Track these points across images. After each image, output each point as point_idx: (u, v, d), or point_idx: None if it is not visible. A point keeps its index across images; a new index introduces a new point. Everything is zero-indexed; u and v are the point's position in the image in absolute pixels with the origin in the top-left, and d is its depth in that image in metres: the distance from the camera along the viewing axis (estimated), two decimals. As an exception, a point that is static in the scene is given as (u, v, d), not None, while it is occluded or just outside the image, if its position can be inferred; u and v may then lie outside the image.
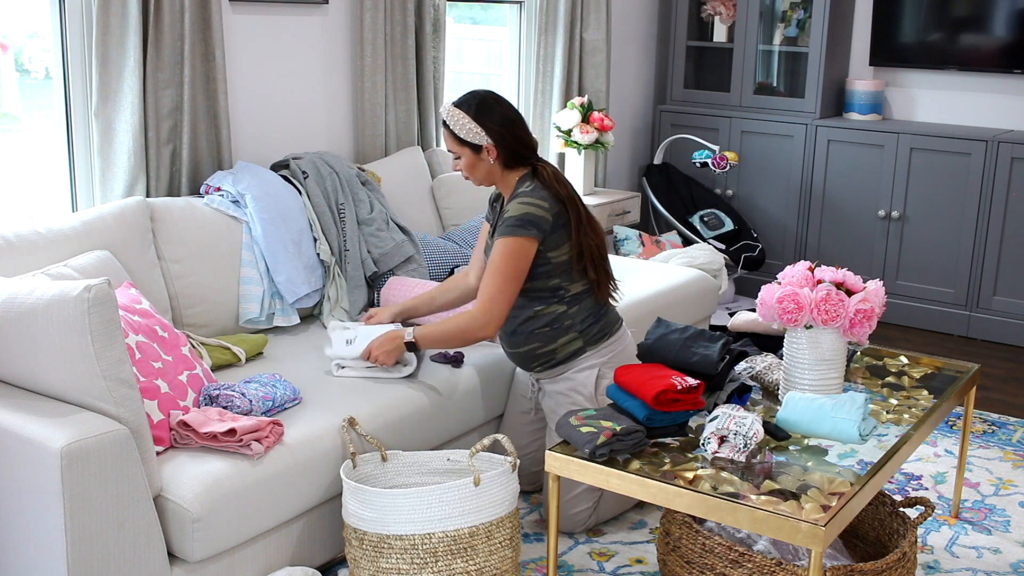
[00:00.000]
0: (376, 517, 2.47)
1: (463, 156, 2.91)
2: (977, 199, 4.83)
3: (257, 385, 2.70)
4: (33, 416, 2.22)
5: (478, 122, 2.86)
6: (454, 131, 2.89)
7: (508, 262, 2.80)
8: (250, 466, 2.43)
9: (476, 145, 2.88)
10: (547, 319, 2.91)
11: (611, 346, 2.99)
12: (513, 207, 2.83)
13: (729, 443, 2.39)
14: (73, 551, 2.14)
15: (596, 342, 2.97)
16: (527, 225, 2.79)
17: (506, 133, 2.88)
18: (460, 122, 2.87)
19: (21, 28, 3.21)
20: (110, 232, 2.91)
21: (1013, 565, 2.94)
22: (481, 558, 2.50)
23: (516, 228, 2.79)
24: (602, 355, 2.97)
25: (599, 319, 2.97)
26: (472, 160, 2.91)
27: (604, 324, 2.99)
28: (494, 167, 2.91)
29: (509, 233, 2.80)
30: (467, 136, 2.87)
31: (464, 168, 2.93)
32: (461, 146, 2.90)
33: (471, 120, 2.86)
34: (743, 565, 2.40)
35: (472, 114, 2.86)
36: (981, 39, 5.06)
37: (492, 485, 2.52)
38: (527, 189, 2.86)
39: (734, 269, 5.10)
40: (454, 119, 2.88)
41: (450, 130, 2.90)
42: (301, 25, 3.75)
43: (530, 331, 2.94)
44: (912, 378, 3.01)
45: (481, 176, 2.94)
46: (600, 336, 2.97)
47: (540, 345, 2.94)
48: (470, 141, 2.88)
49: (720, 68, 5.64)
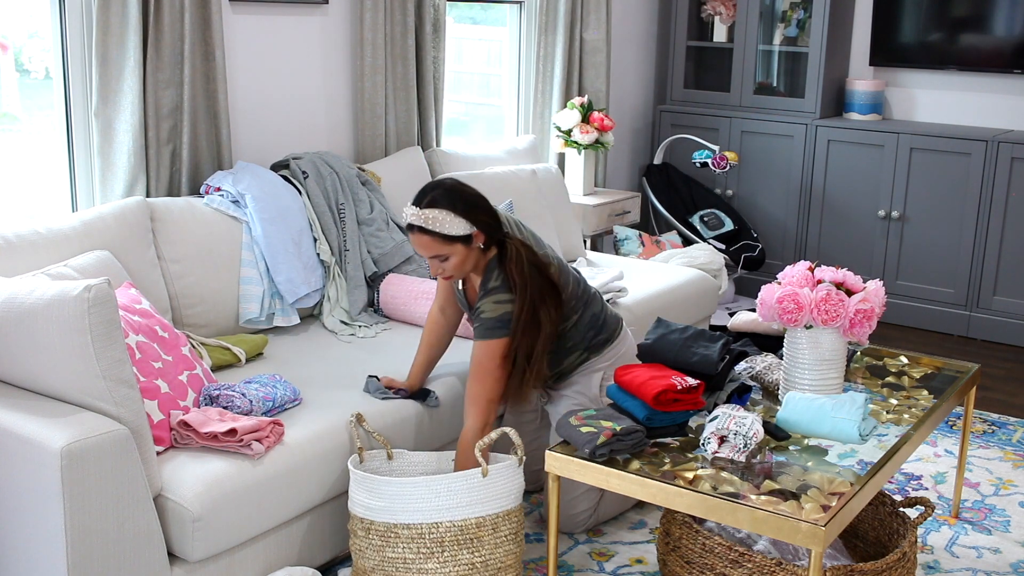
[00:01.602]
0: (384, 506, 2.48)
1: (453, 255, 2.69)
2: (977, 199, 4.83)
3: (257, 385, 2.70)
4: (33, 416, 2.22)
5: (460, 213, 2.67)
6: (441, 232, 2.65)
7: (491, 363, 2.70)
8: (250, 466, 2.44)
9: (467, 236, 2.69)
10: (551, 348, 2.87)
11: (614, 349, 3.00)
12: (488, 307, 2.70)
13: (729, 443, 2.39)
14: (73, 551, 2.14)
15: (600, 349, 2.97)
16: (504, 327, 2.69)
17: (479, 214, 2.72)
18: (443, 220, 2.65)
19: (21, 28, 3.21)
20: (110, 232, 2.91)
21: (1013, 565, 2.94)
22: (487, 550, 2.51)
23: (494, 331, 2.69)
24: (607, 359, 2.98)
25: (600, 330, 2.97)
26: (464, 254, 2.70)
27: (606, 333, 2.99)
28: (480, 252, 2.74)
29: (488, 336, 2.70)
30: (456, 231, 2.66)
31: (453, 267, 2.72)
32: (452, 244, 2.67)
33: (453, 215, 2.65)
34: (743, 565, 2.40)
35: (452, 208, 2.66)
36: (981, 39, 5.06)
37: (499, 477, 2.53)
38: (497, 284, 2.72)
39: (734, 269, 5.10)
40: (435, 221, 2.65)
41: (432, 234, 2.66)
42: (301, 25, 3.75)
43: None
44: (912, 378, 3.01)
45: (471, 267, 2.75)
46: (603, 343, 2.98)
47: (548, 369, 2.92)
48: (460, 235, 2.67)
49: (720, 68, 5.64)
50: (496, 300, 2.71)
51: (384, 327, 3.42)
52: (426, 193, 2.71)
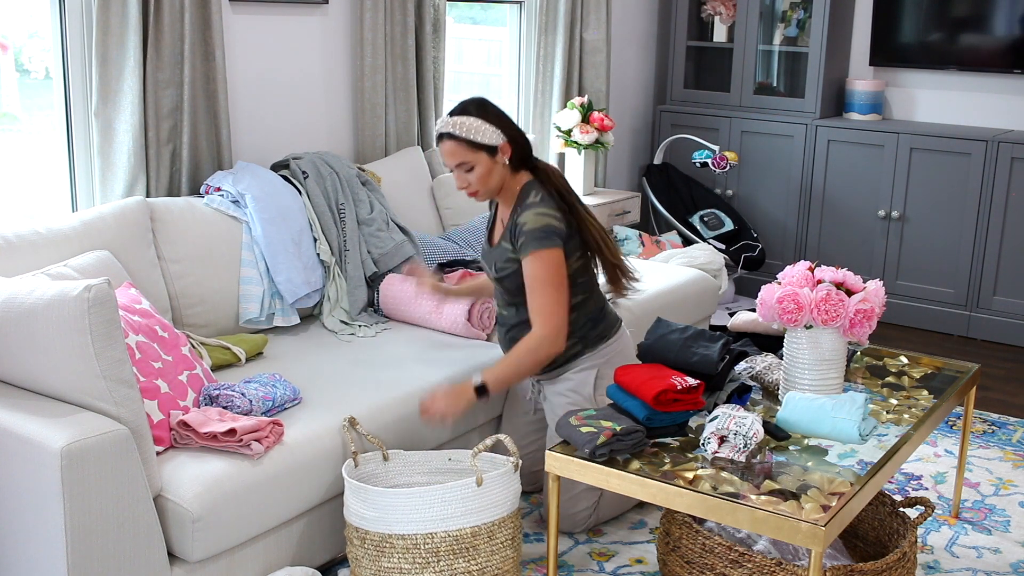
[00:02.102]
0: (378, 516, 2.47)
1: (478, 164, 2.78)
2: (977, 199, 4.83)
3: (257, 385, 2.70)
4: (33, 416, 2.22)
5: (489, 122, 2.78)
6: (467, 137, 2.75)
7: (549, 272, 2.75)
8: (250, 466, 2.44)
9: (492, 147, 2.78)
10: None
11: (610, 347, 2.99)
12: (531, 219, 2.76)
13: (729, 443, 2.39)
14: (73, 551, 2.14)
15: (595, 344, 2.96)
16: (551, 236, 2.75)
17: (512, 130, 2.83)
18: (472, 126, 2.76)
19: (21, 28, 3.21)
20: (110, 232, 2.91)
21: (1013, 565, 2.94)
22: (483, 558, 2.50)
23: (543, 240, 2.74)
24: (601, 356, 2.97)
25: (598, 323, 2.97)
26: (488, 166, 2.79)
27: (603, 327, 2.98)
28: (506, 171, 2.83)
29: (538, 247, 2.74)
30: (483, 138, 2.76)
31: (478, 179, 2.80)
32: (476, 152, 2.77)
33: (482, 121, 2.77)
34: (743, 565, 2.40)
35: (481, 116, 2.78)
36: (981, 39, 5.06)
37: (494, 485, 2.52)
38: (537, 200, 2.80)
39: (734, 269, 5.10)
40: (463, 126, 2.76)
41: (460, 139, 2.76)
42: (301, 25, 3.75)
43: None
44: (912, 378, 3.01)
45: (495, 184, 2.83)
46: (599, 338, 2.97)
47: None
48: (486, 143, 2.77)
49: (720, 68, 5.64)
50: (537, 212, 2.77)
51: (384, 327, 3.42)
52: (457, 106, 2.83)
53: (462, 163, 2.79)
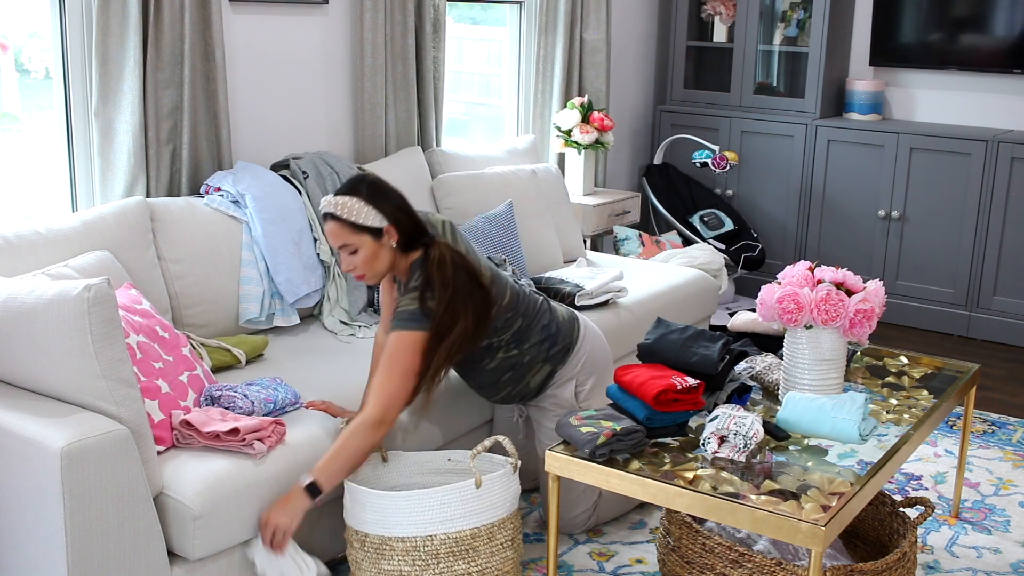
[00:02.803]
0: (377, 519, 2.47)
1: (362, 247, 2.64)
2: (977, 199, 4.83)
3: (259, 387, 2.70)
4: (33, 416, 2.22)
5: (373, 205, 2.63)
6: (349, 219, 2.61)
7: (400, 354, 2.59)
8: (252, 465, 2.44)
9: (376, 229, 2.63)
10: (506, 366, 2.85)
11: (579, 355, 2.94)
12: (405, 301, 2.62)
13: (729, 443, 2.39)
14: (73, 551, 2.14)
15: (562, 359, 2.91)
16: (419, 319, 2.60)
17: (400, 214, 2.69)
18: (355, 208, 2.62)
19: (21, 28, 3.21)
20: (110, 232, 2.91)
21: (1013, 565, 2.94)
22: (483, 559, 2.50)
23: (407, 322, 2.60)
24: (573, 366, 2.93)
25: (555, 340, 2.89)
26: (373, 249, 2.64)
27: (563, 341, 2.91)
28: (395, 253, 2.68)
29: (404, 327, 2.59)
30: (365, 221, 2.62)
31: (362, 262, 2.65)
32: (359, 234, 2.62)
33: (365, 204, 2.63)
34: (743, 565, 2.40)
35: (366, 198, 2.64)
36: (981, 39, 5.06)
37: (493, 487, 2.52)
38: (418, 284, 2.64)
39: (734, 269, 5.10)
40: (346, 208, 2.61)
41: (342, 221, 2.62)
42: (301, 25, 3.75)
43: (497, 381, 2.89)
44: (912, 378, 3.01)
45: (382, 267, 2.68)
46: (564, 352, 2.91)
47: (512, 388, 2.91)
48: (369, 226, 2.62)
49: (720, 68, 5.64)
50: (415, 296, 2.63)
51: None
52: (345, 183, 2.70)
53: (345, 245, 2.65)
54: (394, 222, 2.67)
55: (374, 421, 2.54)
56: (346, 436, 2.52)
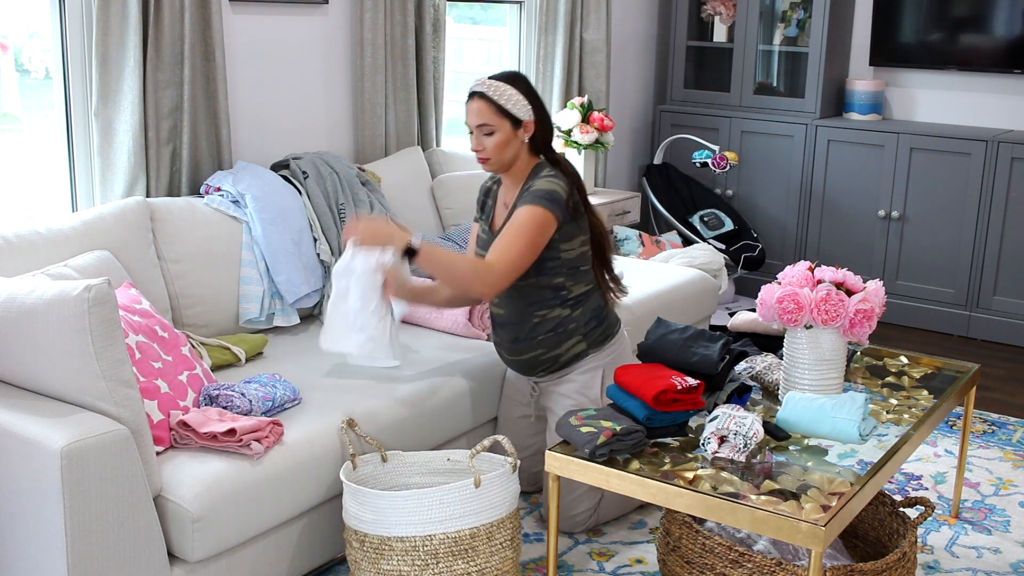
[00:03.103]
0: (376, 519, 2.46)
1: (499, 130, 2.79)
2: (977, 199, 4.83)
3: (257, 385, 2.70)
4: (33, 416, 2.22)
5: (526, 97, 2.80)
6: (497, 101, 2.77)
7: (533, 229, 2.71)
8: (250, 466, 2.43)
9: (517, 119, 2.80)
10: (551, 324, 2.89)
11: (613, 347, 2.99)
12: (539, 183, 2.77)
13: (729, 443, 2.39)
14: (73, 551, 2.14)
15: (600, 344, 2.96)
16: (555, 201, 2.74)
17: (543, 112, 2.85)
18: (507, 93, 2.78)
19: (21, 28, 3.21)
20: (110, 232, 2.91)
21: (1013, 565, 2.94)
22: (482, 559, 2.50)
23: (544, 200, 2.73)
24: (605, 356, 2.97)
25: (602, 321, 2.97)
26: (508, 136, 2.79)
27: (607, 326, 2.98)
28: (523, 149, 2.84)
29: (537, 203, 2.72)
30: (512, 108, 2.78)
31: (494, 146, 2.79)
32: (502, 117, 2.78)
33: (517, 92, 2.79)
34: (743, 565, 2.40)
35: (522, 89, 2.81)
36: (981, 39, 5.06)
37: (492, 486, 2.52)
38: (550, 174, 2.81)
39: (734, 269, 5.10)
40: (499, 90, 2.78)
41: (490, 101, 2.78)
42: (301, 25, 3.75)
43: (534, 337, 2.91)
44: (912, 378, 3.01)
45: (509, 156, 2.82)
46: (604, 338, 2.97)
47: (544, 351, 2.92)
48: (514, 113, 2.79)
49: (720, 68, 5.64)
50: (548, 179, 2.79)
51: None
52: (502, 73, 2.87)
53: (484, 125, 2.80)
54: (537, 119, 2.83)
55: (489, 276, 2.66)
56: (468, 263, 2.71)
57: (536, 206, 2.72)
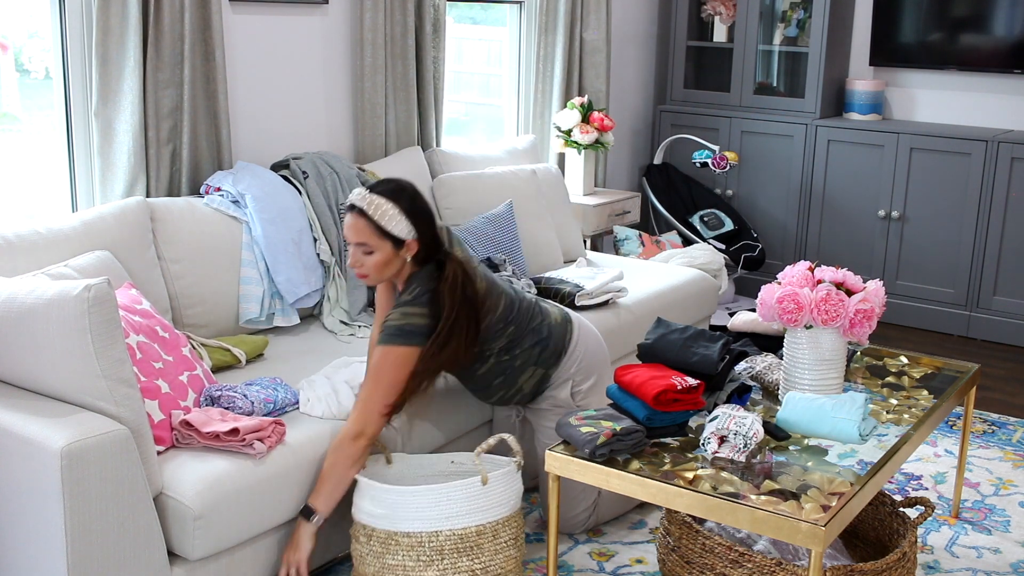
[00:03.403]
0: (386, 514, 2.48)
1: (378, 251, 2.62)
2: (977, 199, 4.83)
3: (258, 388, 2.70)
4: (33, 416, 2.22)
5: (408, 216, 2.62)
6: (377, 221, 2.59)
7: (384, 369, 2.60)
8: (252, 465, 2.44)
9: (399, 240, 2.62)
10: (497, 372, 2.85)
11: (573, 356, 2.93)
12: (395, 315, 2.62)
13: (729, 443, 2.39)
14: (73, 551, 2.14)
15: (556, 362, 2.90)
16: (409, 335, 2.60)
17: (425, 228, 2.67)
18: (389, 213, 2.60)
19: (21, 28, 3.21)
20: (110, 232, 2.91)
21: (1013, 565, 2.94)
22: (486, 557, 2.51)
23: (395, 338, 2.59)
24: (569, 367, 2.92)
25: (547, 344, 2.87)
26: (388, 256, 2.63)
27: (555, 344, 2.89)
28: (405, 265, 2.68)
29: (389, 342, 2.60)
30: (393, 228, 2.61)
31: (374, 265, 2.64)
32: (382, 239, 2.61)
33: (401, 213, 2.61)
34: (743, 565, 2.40)
35: (404, 207, 2.62)
36: (981, 39, 5.06)
37: (498, 484, 2.53)
38: (410, 296, 2.64)
39: (734, 269, 5.10)
40: (380, 210, 2.60)
41: (369, 220, 2.60)
42: (301, 25, 3.75)
43: (488, 386, 2.89)
44: (912, 378, 3.01)
45: (390, 274, 2.68)
46: (556, 356, 2.90)
47: (504, 392, 2.91)
48: (394, 234, 2.61)
49: (720, 68, 5.64)
50: (406, 311, 2.62)
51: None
52: (384, 183, 2.68)
53: (362, 244, 2.63)
54: (419, 237, 2.65)
55: (352, 434, 2.56)
56: (329, 456, 2.55)
57: (388, 346, 2.60)
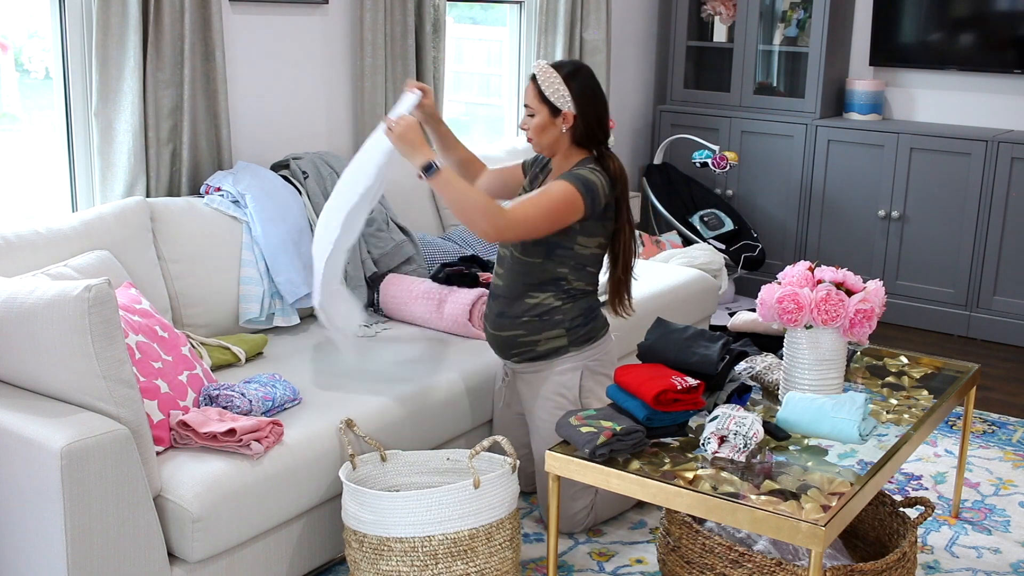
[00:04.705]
0: (376, 519, 2.46)
1: (538, 115, 2.85)
2: (977, 199, 4.83)
3: (257, 385, 2.70)
4: (33, 416, 2.22)
5: (569, 88, 2.82)
6: (540, 87, 2.83)
7: (558, 202, 2.75)
8: (250, 466, 2.44)
9: (555, 108, 2.83)
10: (539, 309, 2.89)
11: (595, 349, 2.97)
12: (580, 169, 2.81)
13: (729, 443, 2.39)
14: (73, 551, 2.14)
15: (581, 344, 2.94)
16: (588, 189, 2.77)
17: (589, 109, 2.85)
18: (550, 80, 2.82)
19: (21, 28, 3.21)
20: (110, 232, 2.91)
21: (1013, 565, 2.94)
22: (481, 560, 2.50)
23: (578, 182, 2.76)
24: (585, 358, 2.95)
25: (588, 321, 2.95)
26: (546, 122, 2.85)
27: (592, 328, 2.96)
28: (563, 138, 2.87)
29: (571, 181, 2.77)
30: (551, 96, 2.82)
31: (533, 128, 2.87)
32: (541, 103, 2.84)
33: (562, 82, 2.82)
34: (743, 565, 2.40)
35: (564, 77, 2.82)
36: (981, 39, 5.05)
37: (492, 487, 2.52)
38: (594, 167, 2.83)
39: (734, 269, 5.10)
40: (545, 76, 2.83)
41: (536, 85, 2.84)
42: (301, 25, 3.75)
43: (519, 317, 2.91)
44: (912, 378, 3.01)
45: (547, 142, 2.88)
46: (586, 339, 2.95)
47: (523, 334, 2.91)
48: (552, 101, 2.83)
49: (720, 68, 5.64)
50: (589, 168, 2.81)
51: (384, 327, 3.42)
52: (567, 62, 2.90)
53: (528, 106, 2.88)
54: (579, 112, 2.83)
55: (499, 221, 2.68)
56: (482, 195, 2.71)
57: (570, 184, 2.77)
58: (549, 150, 2.91)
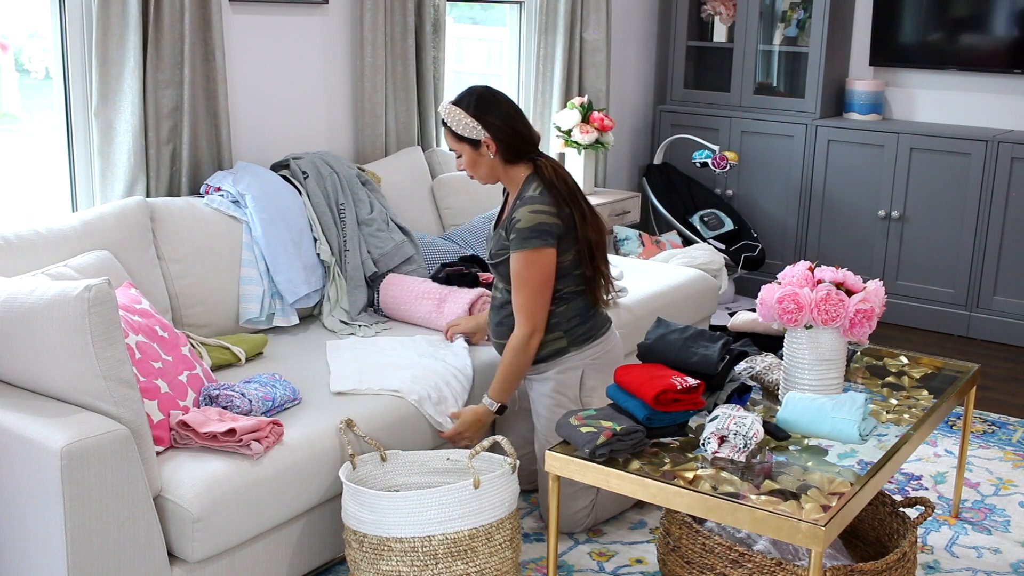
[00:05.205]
0: (375, 520, 2.46)
1: (464, 153, 2.92)
2: (977, 199, 4.83)
3: (257, 385, 2.70)
4: (33, 416, 2.22)
5: (475, 117, 2.86)
6: (452, 128, 2.90)
7: (531, 273, 2.82)
8: (250, 466, 2.43)
9: (474, 140, 2.88)
10: None
11: (596, 348, 2.98)
12: (523, 216, 2.82)
13: (729, 443, 2.39)
14: (73, 551, 2.14)
15: (581, 343, 2.96)
16: (542, 235, 2.81)
17: (504, 127, 2.88)
18: (457, 118, 2.88)
19: (21, 28, 3.21)
20: (110, 232, 2.91)
21: (1013, 565, 2.94)
22: (481, 560, 2.50)
23: (531, 240, 2.81)
24: (586, 357, 2.96)
25: (586, 320, 2.97)
26: (472, 157, 2.92)
27: (591, 326, 2.98)
28: (495, 163, 2.91)
29: (525, 246, 2.81)
30: (464, 132, 2.88)
31: (467, 167, 2.95)
32: (460, 143, 2.91)
33: (467, 116, 2.87)
34: (743, 565, 2.40)
35: (469, 110, 2.87)
36: (981, 39, 5.06)
37: (491, 487, 2.52)
38: (535, 194, 2.85)
39: (734, 269, 5.10)
40: (452, 116, 2.89)
41: (449, 128, 2.91)
42: (301, 25, 3.75)
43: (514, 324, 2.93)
44: (912, 378, 3.01)
45: (484, 173, 2.94)
46: (585, 338, 2.96)
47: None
48: (468, 137, 2.88)
49: (720, 68, 5.64)
50: (531, 209, 2.83)
51: (384, 327, 3.42)
52: (462, 91, 2.95)
53: (452, 150, 2.96)
54: (494, 135, 2.87)
55: (527, 335, 2.86)
56: (508, 358, 2.89)
57: (525, 251, 2.82)
58: (493, 179, 2.97)
